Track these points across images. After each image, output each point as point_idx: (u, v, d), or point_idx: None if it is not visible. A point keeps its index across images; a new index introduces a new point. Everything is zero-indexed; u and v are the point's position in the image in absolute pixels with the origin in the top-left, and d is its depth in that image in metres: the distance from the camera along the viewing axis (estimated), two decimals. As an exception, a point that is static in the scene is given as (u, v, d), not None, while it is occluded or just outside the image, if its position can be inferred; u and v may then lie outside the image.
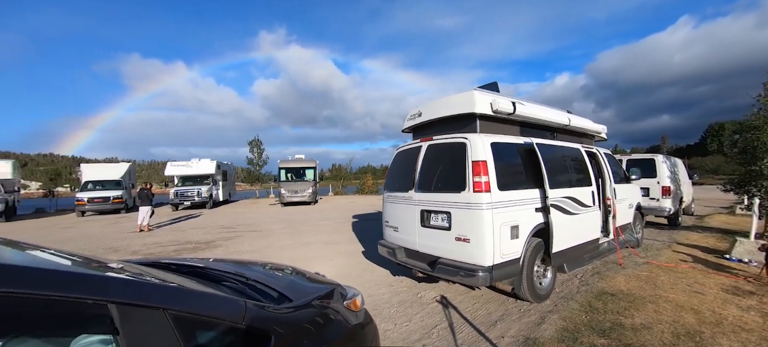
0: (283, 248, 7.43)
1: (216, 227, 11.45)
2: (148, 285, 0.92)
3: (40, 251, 1.18)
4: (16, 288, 0.67)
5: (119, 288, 0.83)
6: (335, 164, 64.53)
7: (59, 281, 0.74)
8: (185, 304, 0.93)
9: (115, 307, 0.78)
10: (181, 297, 0.95)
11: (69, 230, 11.94)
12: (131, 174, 21.41)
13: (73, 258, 1.40)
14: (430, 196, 3.96)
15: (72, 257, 1.39)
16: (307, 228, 10.31)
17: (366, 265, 5.82)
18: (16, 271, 0.71)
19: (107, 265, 1.25)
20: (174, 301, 0.90)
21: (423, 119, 4.58)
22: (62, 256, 1.34)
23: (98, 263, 1.32)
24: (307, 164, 20.96)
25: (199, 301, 0.99)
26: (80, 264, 1.18)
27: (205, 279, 1.71)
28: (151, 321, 0.82)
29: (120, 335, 0.76)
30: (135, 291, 0.85)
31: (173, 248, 7.91)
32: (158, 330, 0.83)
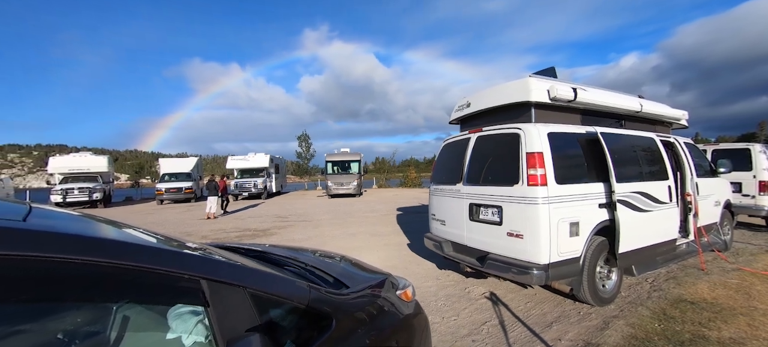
0: (331, 238, 7.76)
1: (270, 216, 12.32)
2: (232, 265, 1.03)
3: (143, 233, 1.38)
4: (130, 261, 0.79)
5: (210, 267, 0.94)
6: (378, 157, 65.48)
7: (163, 257, 0.86)
8: (260, 284, 1.02)
9: (206, 283, 0.88)
10: (257, 277, 1.05)
11: (151, 216, 13.75)
12: (199, 167, 23.88)
13: (170, 239, 1.62)
14: (480, 189, 3.83)
15: (168, 238, 1.60)
16: (353, 220, 10.64)
17: (412, 257, 5.85)
18: (132, 247, 0.84)
19: (196, 247, 1.42)
20: (252, 280, 1.00)
21: (472, 110, 4.43)
22: (160, 237, 1.55)
23: (189, 245, 1.51)
24: (353, 157, 21.52)
25: (271, 282, 1.08)
26: (175, 244, 1.35)
27: (268, 263, 1.86)
28: (234, 297, 0.92)
29: (210, 307, 0.86)
30: (222, 270, 0.96)
31: (235, 235, 8.70)
32: (240, 305, 0.92)
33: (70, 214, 1.24)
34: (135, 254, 0.81)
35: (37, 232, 0.72)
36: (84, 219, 1.13)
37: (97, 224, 1.14)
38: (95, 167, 20.00)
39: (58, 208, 1.34)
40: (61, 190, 17.49)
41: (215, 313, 0.87)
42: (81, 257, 0.71)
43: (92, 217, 1.28)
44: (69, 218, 1.00)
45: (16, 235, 0.68)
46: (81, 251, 0.72)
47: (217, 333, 0.86)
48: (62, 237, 0.74)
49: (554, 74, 4.21)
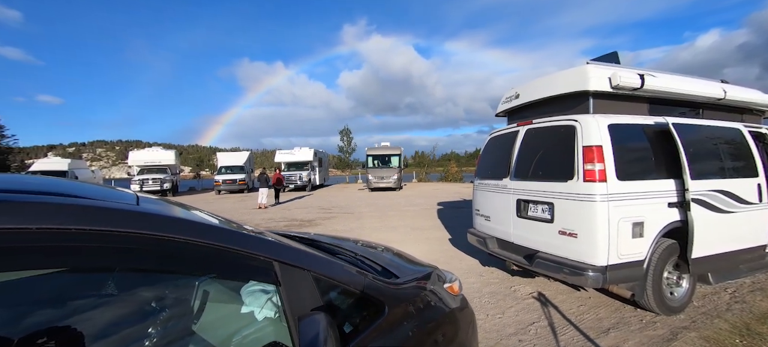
0: (373, 230, 7.93)
1: (315, 208, 12.91)
2: (299, 251, 1.12)
3: (222, 219, 1.56)
4: (217, 241, 0.90)
5: (281, 251, 1.04)
6: (418, 151, 64.92)
7: (244, 240, 0.97)
8: (322, 268, 1.10)
9: (278, 264, 0.98)
10: (319, 262, 1.13)
11: (211, 205, 15.14)
12: (250, 161, 25.69)
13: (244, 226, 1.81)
14: (529, 184, 3.66)
15: (242, 225, 1.79)
16: (394, 213, 10.74)
17: (454, 252, 5.78)
18: (219, 229, 0.96)
19: (269, 233, 1.57)
20: (315, 265, 1.09)
21: (520, 102, 4.22)
22: (237, 224, 1.74)
23: (263, 231, 1.67)
24: (393, 152, 21.65)
25: (330, 267, 1.16)
26: (251, 230, 1.51)
27: (320, 250, 1.98)
28: (300, 279, 1.01)
29: (281, 286, 0.96)
30: (291, 254, 1.06)
31: (284, 224, 9.28)
32: (305, 286, 1.01)
33: (166, 201, 1.44)
34: (221, 236, 0.93)
35: (150, 214, 0.85)
36: (177, 206, 1.31)
37: (188, 209, 1.31)
38: (165, 160, 22.49)
39: (152, 196, 1.55)
40: (138, 180, 19.97)
41: (285, 292, 0.96)
42: (180, 236, 0.84)
43: (182, 204, 1.46)
44: (166, 204, 1.16)
45: (135, 216, 0.82)
46: (180, 231, 0.85)
47: (288, 310, 0.96)
48: (166, 219, 0.87)
49: (617, 60, 3.85)
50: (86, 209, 0.77)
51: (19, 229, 0.65)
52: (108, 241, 0.73)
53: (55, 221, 0.68)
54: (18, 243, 0.65)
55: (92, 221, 0.73)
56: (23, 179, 1.14)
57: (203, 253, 0.88)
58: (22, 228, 0.65)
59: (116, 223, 0.76)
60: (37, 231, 0.66)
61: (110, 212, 0.78)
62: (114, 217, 0.77)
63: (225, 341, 1.18)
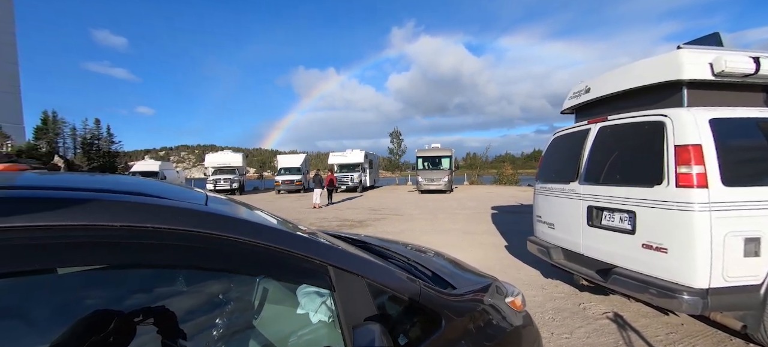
0: (423, 233, 7.79)
1: (365, 209, 13.15)
2: (353, 256, 1.10)
3: (280, 219, 1.61)
4: (277, 243, 0.91)
5: (337, 255, 1.02)
6: (470, 153, 62.52)
7: (302, 243, 0.97)
8: (376, 275, 1.06)
9: (333, 269, 0.96)
10: (374, 268, 1.09)
11: (272, 204, 16.34)
12: (306, 163, 27.24)
13: (300, 227, 1.86)
14: (603, 189, 3.23)
15: (296, 226, 1.84)
16: (444, 216, 10.45)
17: (510, 261, 5.38)
18: (279, 232, 0.97)
19: (325, 236, 1.58)
20: (369, 271, 1.04)
21: (591, 96, 3.76)
22: (295, 225, 1.79)
23: (319, 234, 1.70)
24: (443, 153, 21.17)
25: (384, 274, 1.11)
26: (309, 233, 1.53)
27: (372, 253, 1.95)
28: (354, 285, 0.97)
29: (335, 292, 0.93)
30: (346, 259, 1.03)
31: (336, 224, 9.59)
32: (359, 292, 0.97)
33: (231, 201, 1.52)
34: (279, 238, 0.93)
35: (216, 214, 0.89)
36: (241, 205, 1.37)
37: (250, 209, 1.37)
38: (234, 163, 24.94)
39: (220, 196, 1.67)
40: (212, 180, 22.44)
41: (340, 298, 0.93)
42: (241, 237, 0.85)
43: (245, 204, 1.54)
44: (231, 204, 1.22)
45: (203, 216, 0.86)
46: (241, 232, 0.86)
47: (342, 316, 0.93)
48: (229, 219, 0.90)
49: (718, 42, 3.23)
50: (162, 208, 0.82)
51: (106, 226, 0.70)
52: (179, 239, 0.77)
53: (133, 219, 0.72)
54: (104, 240, 0.70)
55: (167, 219, 0.77)
56: (116, 179, 1.29)
57: (262, 254, 0.88)
58: (108, 226, 0.70)
59: (186, 222, 0.79)
60: (120, 228, 0.71)
61: (181, 211, 0.82)
62: (185, 216, 0.81)
63: (282, 340, 1.20)
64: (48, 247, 0.62)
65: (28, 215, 0.64)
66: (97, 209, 0.71)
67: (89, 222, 0.67)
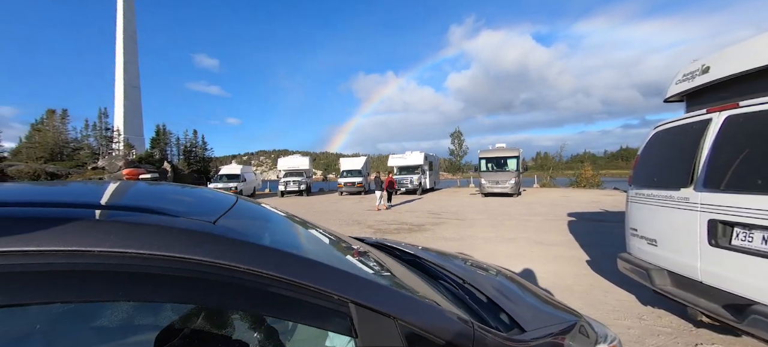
0: (486, 241, 7.17)
1: (424, 212, 12.80)
2: (385, 289, 0.88)
3: (306, 227, 1.46)
4: (275, 271, 0.72)
5: (361, 287, 0.80)
6: (540, 153, 56.85)
7: (315, 270, 0.77)
8: (414, 314, 0.82)
9: (355, 307, 0.75)
10: (411, 307, 0.86)
11: (334, 204, 17.04)
12: (367, 165, 27.90)
13: (329, 237, 1.69)
14: (734, 198, 2.44)
15: (328, 235, 1.66)
16: (511, 222, 9.54)
17: (594, 279, 4.56)
18: (288, 258, 0.80)
19: (351, 250, 1.38)
20: (405, 310, 0.81)
21: (712, 78, 2.92)
22: (329, 236, 1.59)
23: (346, 245, 1.50)
24: (509, 153, 19.63)
25: (426, 314, 0.86)
26: (332, 246, 1.34)
27: (421, 271, 1.69)
28: (385, 329, 0.75)
29: (358, 338, 0.72)
30: (375, 293, 0.82)
31: (394, 227, 9.48)
32: (391, 338, 0.74)
33: (256, 208, 1.42)
34: (286, 265, 0.75)
35: (217, 236, 0.74)
36: (262, 219, 1.25)
37: (274, 224, 1.24)
38: (302, 166, 26.78)
39: (257, 203, 1.59)
40: (284, 182, 24.41)
41: (362, 344, 0.72)
42: (241, 266, 0.70)
43: (271, 214, 1.42)
44: (246, 220, 1.09)
45: (200, 238, 0.72)
46: (246, 261, 0.71)
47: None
48: (235, 244, 0.75)
49: None
50: (142, 228, 0.69)
51: (83, 252, 0.60)
52: (160, 268, 0.64)
53: (109, 241, 0.61)
54: (81, 267, 0.59)
55: (148, 242, 0.64)
56: (110, 187, 1.15)
57: (262, 286, 0.71)
58: (85, 251, 0.60)
59: (172, 246, 0.66)
60: (99, 254, 0.61)
61: (165, 232, 0.69)
62: (169, 239, 0.68)
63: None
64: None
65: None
66: (70, 230, 0.61)
67: (57, 247, 0.57)
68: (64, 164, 25.99)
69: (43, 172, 23.07)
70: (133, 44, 35.48)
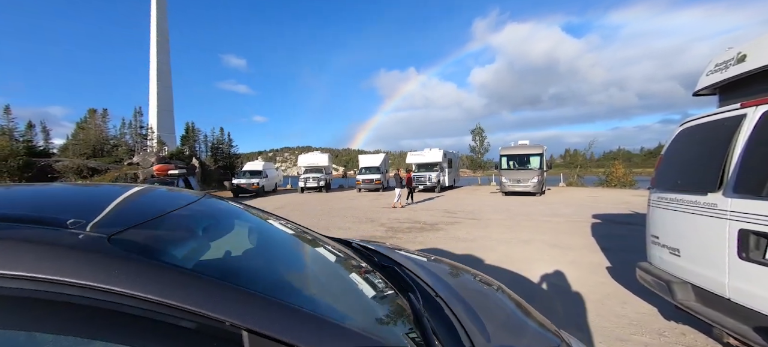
0: (499, 243, 6.88)
1: (440, 210, 12.55)
2: (290, 311, 0.73)
3: (261, 235, 1.37)
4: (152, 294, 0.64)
5: (262, 309, 0.69)
6: (569, 150, 54.20)
7: (201, 288, 0.68)
8: (328, 340, 0.71)
9: (250, 337, 0.66)
10: (328, 337, 0.73)
11: (351, 201, 17.12)
12: (385, 162, 27.84)
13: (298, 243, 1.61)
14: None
15: (301, 240, 1.57)
16: (529, 223, 9.13)
17: (612, 288, 4.22)
18: (157, 272, 0.69)
19: (300, 261, 1.28)
20: (314, 335, 0.69)
21: (749, 67, 2.57)
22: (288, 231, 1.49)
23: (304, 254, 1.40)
24: (532, 151, 18.85)
25: (342, 338, 0.75)
26: (277, 256, 1.25)
27: (393, 281, 1.55)
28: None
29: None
30: (277, 316, 0.70)
31: (406, 226, 9.34)
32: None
33: (206, 213, 1.34)
34: (157, 286, 0.65)
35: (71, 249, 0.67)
36: (205, 222, 1.18)
37: (210, 229, 1.17)
38: (321, 163, 27.15)
39: (221, 204, 1.54)
40: (303, 178, 24.87)
41: None
42: (117, 288, 0.62)
43: (218, 218, 1.34)
44: (186, 223, 1.02)
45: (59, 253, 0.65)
46: (118, 280, 0.63)
47: None
48: (89, 256, 0.66)
49: None
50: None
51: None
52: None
53: None
54: None
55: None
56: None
57: (141, 314, 0.63)
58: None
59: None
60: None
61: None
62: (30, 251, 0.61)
63: None
64: None
65: None
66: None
67: None
68: (104, 160, 27.88)
69: (86, 167, 24.87)
70: (165, 48, 37.43)
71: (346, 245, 2.16)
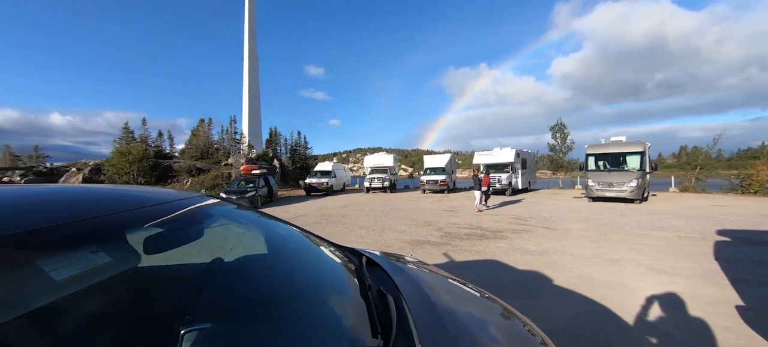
0: (577, 260, 5.72)
1: (508, 216, 11.32)
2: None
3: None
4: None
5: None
6: (685, 147, 44.06)
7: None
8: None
9: None
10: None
11: (412, 202, 16.76)
12: (451, 163, 26.72)
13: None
14: None
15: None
16: (621, 237, 7.49)
17: (746, 339, 3.00)
18: None
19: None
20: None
21: None
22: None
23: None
24: (629, 149, 15.78)
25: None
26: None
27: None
28: None
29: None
30: None
31: (465, 232, 8.59)
32: None
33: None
34: None
35: None
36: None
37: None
38: (386, 163, 27.44)
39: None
40: (368, 178, 25.47)
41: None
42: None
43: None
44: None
45: None
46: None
47: None
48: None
49: None
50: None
51: None
52: None
53: None
54: None
55: None
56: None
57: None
58: None
59: None
60: None
61: None
62: None
63: None
64: None
65: None
66: None
67: None
68: (209, 161, 33.04)
69: (194, 167, 29.77)
70: (255, 65, 42.70)
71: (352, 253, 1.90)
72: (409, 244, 7.32)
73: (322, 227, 10.16)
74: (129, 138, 30.81)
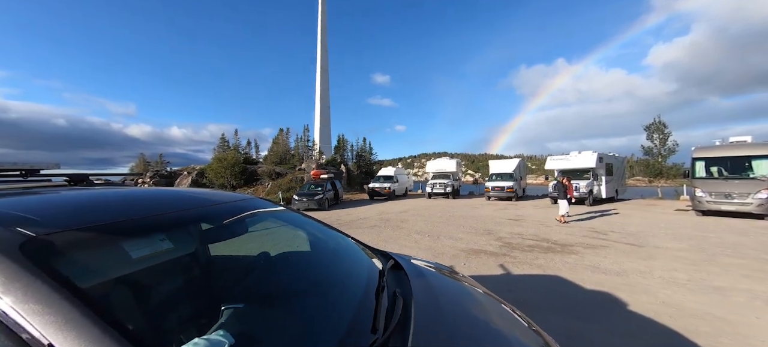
0: (666, 284, 4.85)
1: (583, 228, 10.10)
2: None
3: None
4: None
5: (66, 325, 0.66)
6: None
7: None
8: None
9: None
10: None
11: (475, 209, 16.08)
12: (520, 168, 24.81)
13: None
14: None
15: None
16: (734, 261, 6.07)
17: None
18: None
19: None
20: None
21: None
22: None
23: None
24: (754, 152, 12.63)
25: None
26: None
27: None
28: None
29: None
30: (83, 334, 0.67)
31: (528, 243, 7.96)
32: None
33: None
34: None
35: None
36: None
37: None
38: (448, 168, 26.81)
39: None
40: (430, 184, 25.23)
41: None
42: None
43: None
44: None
45: None
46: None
47: None
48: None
49: None
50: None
51: None
52: None
53: None
54: None
55: None
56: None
57: None
58: None
59: None
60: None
61: None
62: None
63: None
64: None
65: None
66: None
67: None
68: (286, 166, 36.75)
69: (274, 172, 33.40)
70: (325, 78, 46.17)
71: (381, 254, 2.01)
72: (463, 253, 7.10)
73: (380, 230, 10.46)
74: (225, 147, 36.15)
